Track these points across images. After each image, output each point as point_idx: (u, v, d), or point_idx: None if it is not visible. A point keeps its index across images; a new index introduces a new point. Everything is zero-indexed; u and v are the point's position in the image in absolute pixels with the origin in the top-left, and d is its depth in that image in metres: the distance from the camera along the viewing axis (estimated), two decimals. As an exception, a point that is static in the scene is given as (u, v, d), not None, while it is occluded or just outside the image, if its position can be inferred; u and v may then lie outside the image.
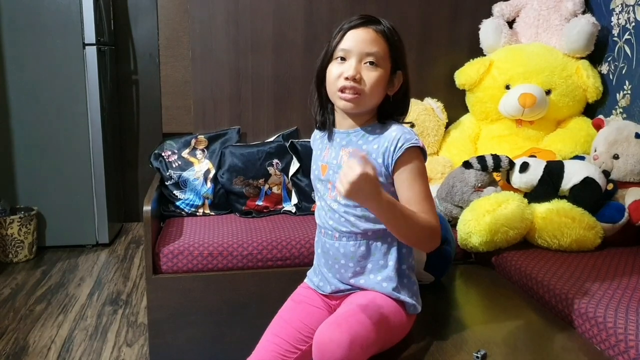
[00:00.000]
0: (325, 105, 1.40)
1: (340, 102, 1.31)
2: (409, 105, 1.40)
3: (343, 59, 1.29)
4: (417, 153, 1.30)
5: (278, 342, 1.34)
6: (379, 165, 1.30)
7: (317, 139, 1.48)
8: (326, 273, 1.41)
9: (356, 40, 1.28)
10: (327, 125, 1.40)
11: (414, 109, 2.65)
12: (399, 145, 1.27)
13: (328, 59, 1.33)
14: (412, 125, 1.39)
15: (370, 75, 1.28)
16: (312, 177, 1.45)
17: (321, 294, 1.44)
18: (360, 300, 1.31)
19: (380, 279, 1.34)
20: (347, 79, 1.27)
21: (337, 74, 1.29)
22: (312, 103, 1.42)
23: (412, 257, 1.41)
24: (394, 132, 1.30)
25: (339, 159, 1.35)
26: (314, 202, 2.44)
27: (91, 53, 3.23)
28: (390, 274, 1.34)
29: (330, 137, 1.40)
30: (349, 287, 1.38)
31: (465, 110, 2.83)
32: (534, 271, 1.78)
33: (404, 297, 1.35)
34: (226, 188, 2.43)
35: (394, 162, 1.28)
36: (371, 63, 1.28)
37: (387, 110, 1.36)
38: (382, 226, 1.31)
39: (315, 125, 1.44)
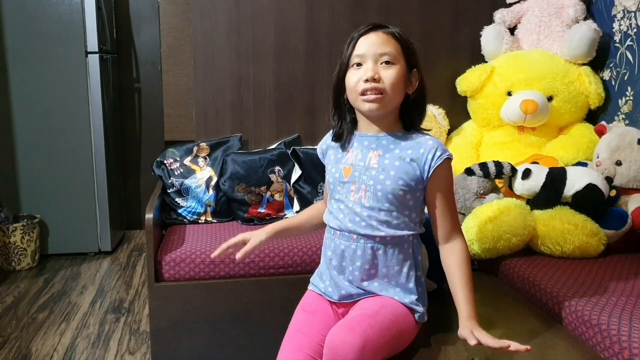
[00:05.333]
0: (344, 116, 1.41)
1: (364, 105, 1.32)
2: (426, 105, 1.42)
3: (359, 64, 1.32)
4: (450, 165, 1.35)
5: (304, 359, 1.31)
6: (413, 169, 1.32)
7: (331, 146, 1.47)
8: (336, 277, 1.40)
9: (369, 44, 1.31)
10: (343, 137, 1.41)
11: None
12: (437, 154, 1.31)
13: (344, 69, 1.35)
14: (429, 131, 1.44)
15: (388, 73, 1.30)
16: (329, 180, 1.44)
17: (328, 300, 1.43)
18: (372, 306, 1.31)
19: (397, 288, 1.35)
20: (367, 80, 1.29)
21: (356, 79, 1.31)
22: (332, 117, 1.44)
23: (422, 263, 1.42)
24: (431, 141, 1.34)
25: (367, 160, 1.36)
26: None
27: (93, 61, 3.24)
28: (406, 282, 1.35)
29: (348, 144, 1.41)
30: (361, 291, 1.37)
31: (467, 116, 2.83)
32: (536, 278, 1.77)
33: (417, 305, 1.36)
34: (228, 195, 2.44)
35: (432, 169, 1.31)
36: (387, 62, 1.30)
37: (409, 113, 1.38)
38: (402, 232, 1.34)
39: (333, 138, 1.45)
